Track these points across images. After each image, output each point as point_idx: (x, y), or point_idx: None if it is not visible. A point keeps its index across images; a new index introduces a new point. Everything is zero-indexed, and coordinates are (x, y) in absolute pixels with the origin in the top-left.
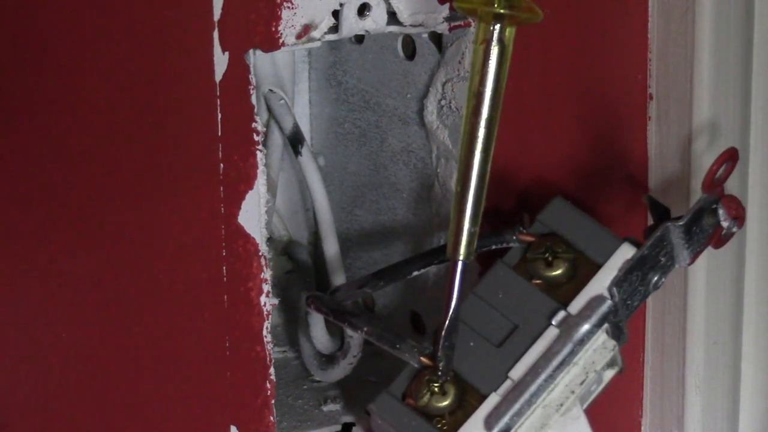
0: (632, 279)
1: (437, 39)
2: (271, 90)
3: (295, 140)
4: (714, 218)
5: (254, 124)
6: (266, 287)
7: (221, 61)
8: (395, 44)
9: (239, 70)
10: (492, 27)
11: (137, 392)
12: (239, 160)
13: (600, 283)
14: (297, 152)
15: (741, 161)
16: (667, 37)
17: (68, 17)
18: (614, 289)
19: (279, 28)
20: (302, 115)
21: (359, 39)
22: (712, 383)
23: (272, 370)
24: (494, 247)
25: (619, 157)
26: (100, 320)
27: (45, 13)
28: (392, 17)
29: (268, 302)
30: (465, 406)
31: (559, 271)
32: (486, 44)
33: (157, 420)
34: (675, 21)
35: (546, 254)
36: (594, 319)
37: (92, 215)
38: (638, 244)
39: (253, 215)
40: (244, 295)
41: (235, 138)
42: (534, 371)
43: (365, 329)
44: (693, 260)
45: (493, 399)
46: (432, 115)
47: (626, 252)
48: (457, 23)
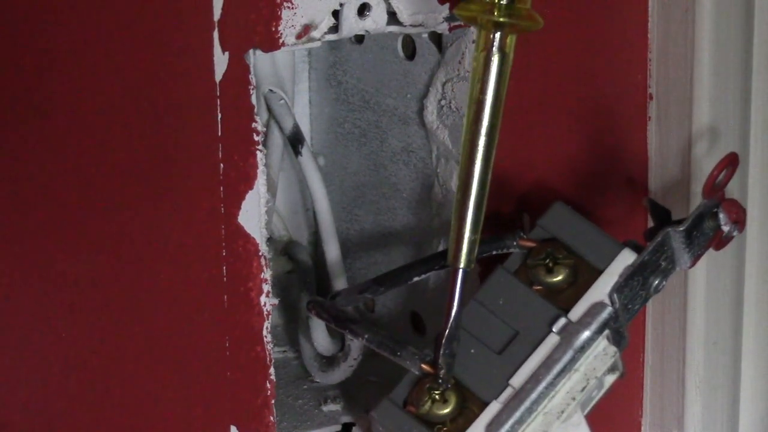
0: (633, 284)
1: (437, 39)
2: (271, 90)
3: (295, 140)
4: (715, 222)
5: (254, 124)
6: (266, 287)
7: (221, 61)
8: (395, 44)
9: (239, 70)
10: (492, 35)
11: (137, 392)
12: (239, 160)
13: (601, 290)
14: (297, 152)
15: (741, 161)
16: (667, 37)
17: (68, 17)
18: (615, 295)
19: (279, 28)
20: (302, 115)
21: (359, 39)
22: (712, 383)
23: (272, 370)
24: (495, 253)
25: (620, 158)
26: (100, 320)
27: (45, 13)
28: (392, 17)
29: (268, 302)
30: (466, 414)
31: (560, 277)
32: (486, 52)
33: (157, 420)
34: (675, 21)
35: (547, 260)
36: (594, 326)
37: (92, 215)
38: (639, 248)
39: (253, 215)
40: (244, 295)
41: (235, 138)
42: (535, 379)
43: (366, 336)
44: (694, 263)
45: (495, 407)
46: (432, 115)
47: (627, 258)
48: (457, 23)
